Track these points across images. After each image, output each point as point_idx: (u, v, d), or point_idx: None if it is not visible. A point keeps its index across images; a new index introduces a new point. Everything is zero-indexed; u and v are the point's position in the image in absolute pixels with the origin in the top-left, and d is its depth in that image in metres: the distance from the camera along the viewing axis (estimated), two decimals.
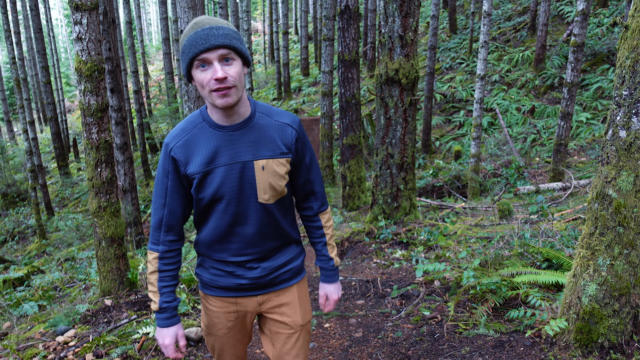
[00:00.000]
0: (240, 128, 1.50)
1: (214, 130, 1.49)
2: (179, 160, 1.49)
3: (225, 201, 1.51)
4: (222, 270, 1.61)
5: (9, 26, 13.09)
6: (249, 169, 1.50)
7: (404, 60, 5.19)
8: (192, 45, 1.36)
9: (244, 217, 1.54)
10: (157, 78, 30.74)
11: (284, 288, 1.68)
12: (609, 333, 2.26)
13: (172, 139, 1.51)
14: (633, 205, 2.11)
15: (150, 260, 1.59)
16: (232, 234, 1.55)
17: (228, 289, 1.63)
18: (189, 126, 1.51)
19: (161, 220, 1.56)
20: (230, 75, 1.37)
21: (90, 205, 3.80)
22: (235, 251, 1.57)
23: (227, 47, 1.36)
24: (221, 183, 1.49)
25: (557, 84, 12.27)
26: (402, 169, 5.48)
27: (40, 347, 3.08)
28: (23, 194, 16.24)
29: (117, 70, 7.72)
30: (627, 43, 2.08)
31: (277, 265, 1.64)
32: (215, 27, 1.36)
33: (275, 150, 1.53)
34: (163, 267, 1.57)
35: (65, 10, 47.01)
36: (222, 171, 1.48)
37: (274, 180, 1.53)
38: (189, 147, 1.49)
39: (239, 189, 1.50)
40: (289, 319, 1.68)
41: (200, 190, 1.50)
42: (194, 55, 1.36)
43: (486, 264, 3.57)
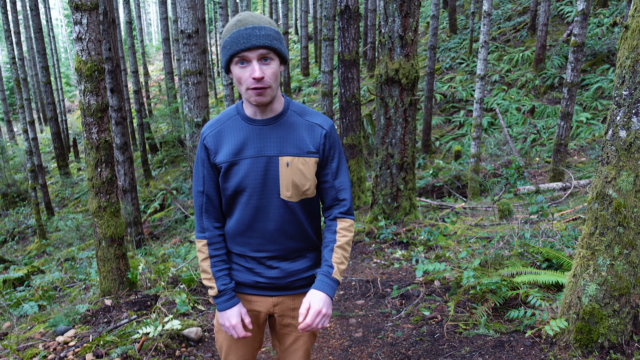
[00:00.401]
0: (270, 123, 1.54)
1: (245, 123, 1.55)
2: (209, 149, 1.55)
3: (247, 193, 1.54)
4: (242, 265, 1.63)
5: (9, 26, 13.09)
6: (273, 164, 1.52)
7: (404, 60, 5.19)
8: (234, 43, 1.41)
9: (265, 212, 1.56)
10: (157, 78, 30.74)
11: (301, 294, 1.68)
12: (609, 333, 2.26)
13: (207, 129, 1.57)
14: (633, 205, 2.11)
15: (200, 248, 1.62)
16: (253, 228, 1.58)
17: (245, 285, 1.65)
18: (224, 117, 1.58)
19: (201, 207, 1.61)
20: (267, 75, 1.42)
21: (90, 205, 3.80)
22: (255, 246, 1.60)
23: (267, 47, 1.41)
24: (245, 175, 1.52)
25: (557, 84, 12.27)
26: (402, 169, 5.48)
27: (40, 347, 3.08)
28: (23, 194, 16.24)
29: (117, 70, 7.72)
30: (627, 43, 2.08)
31: (297, 269, 1.63)
32: (258, 27, 1.41)
33: (302, 148, 1.54)
34: (214, 252, 1.61)
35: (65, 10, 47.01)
36: (247, 163, 1.52)
37: (297, 179, 1.54)
38: (220, 137, 1.55)
39: (262, 183, 1.53)
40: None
41: (225, 180, 1.55)
42: (235, 53, 1.41)
43: (486, 264, 3.57)
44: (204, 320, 3.43)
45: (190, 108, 6.41)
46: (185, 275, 4.22)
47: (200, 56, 6.32)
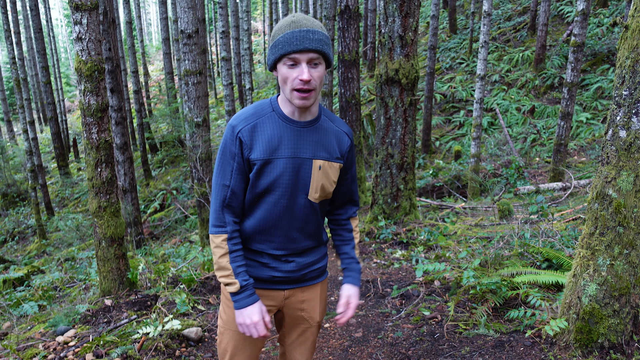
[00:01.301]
0: (308, 126, 1.57)
1: (282, 122, 1.54)
2: (244, 143, 1.51)
3: (278, 193, 1.54)
4: (257, 261, 1.63)
5: (9, 26, 13.09)
6: (307, 166, 1.55)
7: (404, 60, 5.19)
8: (287, 43, 1.42)
9: (291, 211, 1.58)
10: (157, 78, 30.74)
11: (310, 285, 1.73)
12: (609, 333, 2.26)
13: (240, 122, 1.53)
14: (633, 205, 2.11)
15: (218, 243, 1.56)
16: (277, 227, 1.59)
17: (260, 280, 1.65)
18: (259, 112, 1.55)
19: (224, 201, 1.56)
20: (314, 78, 1.44)
21: (90, 205, 3.80)
22: (276, 245, 1.61)
23: (318, 52, 1.43)
24: (279, 174, 1.53)
25: (557, 84, 12.27)
26: (402, 169, 5.48)
27: (40, 347, 3.08)
28: (23, 194, 16.24)
29: (117, 70, 7.72)
30: (627, 43, 2.08)
31: (309, 262, 1.69)
32: (312, 31, 1.43)
33: (332, 154, 1.61)
34: (234, 247, 1.57)
35: (65, 10, 47.01)
36: (282, 163, 1.52)
37: (326, 182, 1.60)
38: (256, 132, 1.52)
39: (294, 184, 1.55)
40: (308, 314, 1.75)
41: (258, 178, 1.53)
42: (286, 53, 1.42)
43: (486, 264, 3.57)
44: (204, 320, 3.43)
45: (190, 108, 6.41)
46: (185, 275, 4.22)
47: (200, 56, 6.32)
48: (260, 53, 31.12)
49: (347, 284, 1.76)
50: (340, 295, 1.75)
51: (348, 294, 1.73)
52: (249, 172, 1.56)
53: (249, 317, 1.56)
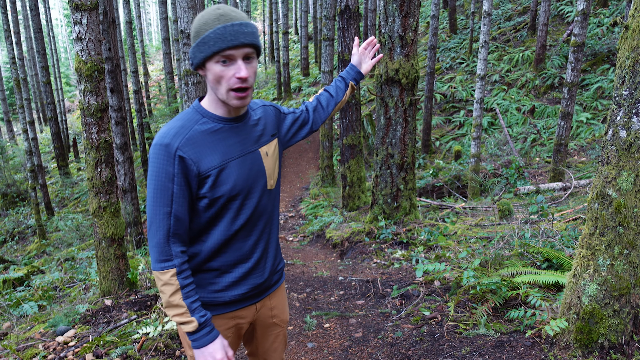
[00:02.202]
0: (244, 119, 1.51)
1: (218, 124, 1.44)
2: (187, 159, 1.36)
3: (241, 196, 1.45)
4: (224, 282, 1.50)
5: (9, 26, 13.09)
6: (256, 157, 1.49)
7: (404, 60, 5.18)
8: (219, 40, 1.31)
9: (257, 209, 1.50)
10: (157, 78, 30.74)
11: (276, 289, 1.68)
12: (609, 333, 2.26)
13: (174, 138, 1.36)
14: (633, 205, 2.11)
15: (167, 280, 1.38)
16: (245, 230, 1.49)
17: (231, 303, 1.53)
18: (188, 123, 1.41)
19: (168, 231, 1.38)
20: (250, 75, 1.37)
21: (90, 205, 3.80)
22: (247, 249, 1.51)
23: (253, 46, 1.36)
24: (237, 177, 1.43)
25: (557, 84, 12.27)
26: (402, 169, 5.48)
27: (40, 347, 3.08)
28: (23, 194, 16.24)
29: (117, 70, 7.72)
30: (627, 43, 2.08)
31: (274, 265, 1.64)
32: (244, 24, 1.34)
33: (268, 134, 1.56)
34: (185, 282, 1.40)
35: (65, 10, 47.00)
36: (235, 165, 1.44)
37: (276, 164, 1.56)
38: (197, 143, 1.39)
39: (253, 181, 1.48)
40: (278, 318, 1.70)
41: (216, 189, 1.40)
42: (220, 50, 1.31)
43: (486, 264, 3.57)
44: None
45: None
46: None
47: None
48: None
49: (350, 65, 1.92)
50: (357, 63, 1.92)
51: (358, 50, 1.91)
52: (199, 189, 1.41)
53: (211, 356, 1.41)
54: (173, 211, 1.38)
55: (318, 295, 3.94)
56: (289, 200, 10.78)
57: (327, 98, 1.84)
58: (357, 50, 1.90)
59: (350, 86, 1.87)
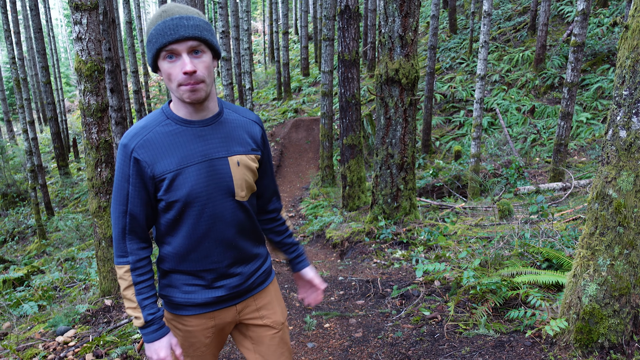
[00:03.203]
0: (210, 123, 1.43)
1: (181, 127, 1.39)
2: (142, 161, 1.35)
3: (200, 203, 1.40)
4: (198, 284, 1.49)
5: (9, 26, 13.09)
6: (223, 165, 1.42)
7: (404, 60, 5.18)
8: (160, 35, 1.27)
9: (222, 218, 1.44)
10: (157, 78, 30.74)
11: (261, 290, 1.63)
12: (609, 333, 2.26)
13: (132, 139, 1.36)
14: (633, 205, 2.11)
15: (121, 275, 1.43)
16: (210, 238, 1.44)
17: (206, 304, 1.51)
18: (151, 124, 1.39)
19: (124, 229, 1.42)
20: (200, 69, 1.30)
21: (90, 205, 3.80)
22: (214, 257, 1.46)
23: (197, 39, 1.29)
24: (195, 183, 1.38)
25: (557, 84, 12.27)
26: (402, 169, 5.48)
27: (40, 347, 3.08)
28: (23, 194, 16.24)
29: (117, 70, 7.72)
30: (627, 43, 2.08)
31: (254, 269, 1.58)
32: (185, 17, 1.28)
33: (247, 146, 1.49)
34: (138, 279, 1.43)
35: (65, 10, 47.01)
36: (194, 170, 1.38)
37: (249, 176, 1.48)
38: (154, 146, 1.36)
39: (215, 188, 1.41)
40: (270, 319, 1.63)
41: (171, 194, 1.38)
42: (161, 46, 1.28)
43: (486, 264, 3.57)
44: None
45: None
46: None
47: None
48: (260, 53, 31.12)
49: (301, 269, 1.77)
50: (303, 281, 1.79)
51: (309, 277, 1.76)
52: (155, 192, 1.40)
53: (156, 353, 1.44)
54: (128, 210, 1.41)
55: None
56: (289, 200, 10.79)
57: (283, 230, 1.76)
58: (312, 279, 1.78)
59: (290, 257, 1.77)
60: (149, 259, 1.48)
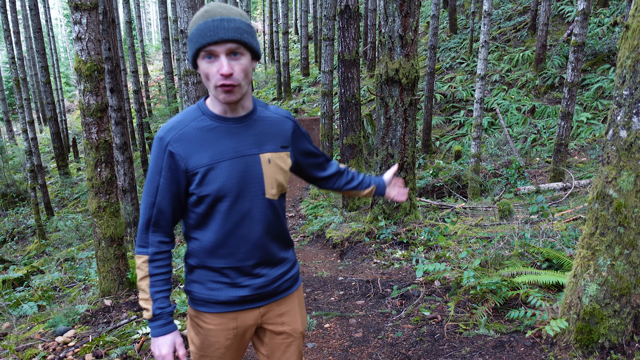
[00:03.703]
0: (244, 121, 1.45)
1: (215, 123, 1.42)
2: (177, 154, 1.38)
3: (230, 199, 1.41)
4: (223, 282, 1.49)
5: (9, 26, 13.09)
6: (255, 163, 1.44)
7: (404, 60, 5.18)
8: (200, 35, 1.30)
9: (250, 216, 1.45)
10: (157, 78, 30.74)
11: (286, 296, 1.61)
12: (610, 333, 2.26)
13: (168, 132, 1.40)
14: (634, 205, 2.11)
15: (139, 265, 1.45)
16: (238, 235, 1.45)
17: (229, 303, 1.51)
18: (187, 119, 1.42)
19: (149, 220, 1.44)
20: (237, 71, 1.32)
21: (90, 205, 3.80)
22: (241, 255, 1.47)
23: (236, 41, 1.30)
24: (227, 178, 1.40)
25: (558, 84, 12.27)
26: (402, 169, 5.47)
27: (40, 348, 3.08)
28: (22, 194, 16.24)
29: (117, 70, 7.72)
30: (628, 43, 2.07)
31: (280, 273, 1.57)
32: (227, 19, 1.30)
33: (277, 144, 1.50)
34: (154, 271, 1.45)
35: (65, 10, 46.99)
36: (226, 166, 1.40)
37: (279, 175, 1.49)
38: (189, 140, 1.39)
39: (245, 185, 1.43)
40: (289, 327, 1.62)
41: (202, 188, 1.40)
42: (201, 47, 1.30)
43: (486, 264, 3.57)
44: None
45: None
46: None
47: None
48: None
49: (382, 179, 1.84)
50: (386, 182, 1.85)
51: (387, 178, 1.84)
52: (186, 186, 1.43)
53: (158, 349, 1.45)
54: (156, 202, 1.43)
55: (318, 296, 3.93)
56: (289, 200, 10.78)
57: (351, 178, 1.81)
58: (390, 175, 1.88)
59: (372, 189, 1.83)
60: (168, 254, 1.50)
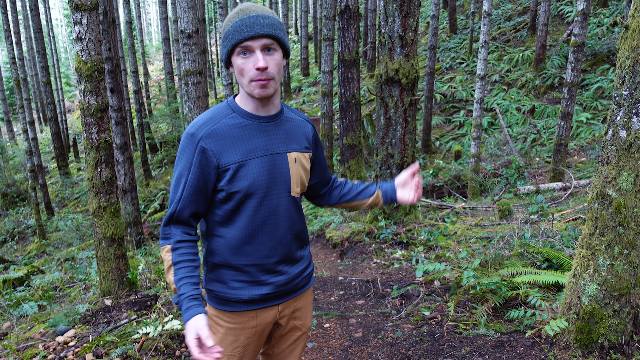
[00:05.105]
0: (274, 120, 1.49)
1: (247, 120, 1.45)
2: (209, 150, 1.39)
3: (259, 195, 1.44)
4: (245, 281, 1.50)
5: (9, 26, 13.09)
6: (283, 161, 1.47)
7: (404, 60, 5.18)
8: (237, 32, 1.34)
9: (276, 212, 1.48)
10: (157, 78, 30.74)
11: (301, 293, 1.65)
12: (609, 333, 2.26)
13: (200, 128, 1.41)
14: (633, 205, 2.11)
15: (163, 256, 1.46)
16: (264, 232, 1.47)
17: (251, 301, 1.52)
18: (218, 116, 1.45)
19: (173, 214, 1.45)
20: (271, 66, 1.36)
21: (90, 205, 3.80)
22: (266, 251, 1.49)
23: (271, 37, 1.35)
24: (257, 175, 1.43)
25: (557, 84, 12.27)
26: (402, 169, 5.48)
27: (40, 347, 3.08)
28: (23, 194, 16.24)
29: (117, 70, 7.72)
30: (627, 43, 2.08)
31: (299, 271, 1.60)
32: (262, 16, 1.35)
33: (302, 144, 1.55)
34: (177, 259, 1.43)
35: (65, 10, 47.00)
36: (257, 163, 1.43)
37: (303, 174, 1.54)
38: (221, 136, 1.41)
39: (274, 182, 1.46)
40: (301, 322, 1.67)
41: (233, 184, 1.42)
42: (238, 42, 1.34)
43: (486, 264, 3.57)
44: None
45: (190, 108, 6.40)
46: None
47: (200, 56, 6.32)
48: None
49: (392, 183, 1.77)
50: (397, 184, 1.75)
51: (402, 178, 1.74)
52: (217, 182, 1.44)
53: (187, 333, 1.38)
54: (182, 197, 1.44)
55: (318, 295, 3.94)
56: None
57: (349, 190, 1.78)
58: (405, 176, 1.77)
59: (376, 194, 1.75)
60: (193, 243, 1.49)
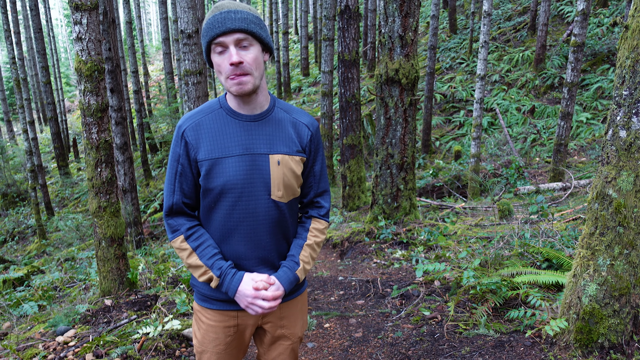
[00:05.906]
0: (258, 119, 1.45)
1: (230, 118, 1.43)
2: (189, 143, 1.41)
3: (234, 195, 1.40)
4: None
5: (9, 26, 13.09)
6: (263, 162, 1.42)
7: (404, 60, 5.18)
8: (209, 29, 1.33)
9: (253, 214, 1.44)
10: (157, 78, 30.74)
11: (289, 301, 1.59)
12: (609, 333, 2.26)
13: (185, 121, 1.44)
14: (633, 205, 2.11)
15: (178, 246, 1.45)
16: (239, 232, 1.44)
17: (229, 301, 1.50)
18: (205, 110, 1.45)
19: (171, 207, 1.45)
20: (247, 60, 1.32)
21: (90, 205, 3.80)
22: (241, 253, 1.46)
23: (243, 31, 1.32)
24: (232, 174, 1.39)
25: (557, 84, 12.27)
26: (402, 169, 5.48)
27: (40, 347, 3.08)
28: (23, 194, 16.24)
29: (117, 70, 7.72)
30: (627, 43, 2.08)
31: None
32: (234, 11, 1.32)
33: (292, 147, 1.47)
34: (196, 243, 1.44)
35: (65, 10, 47.00)
36: (233, 162, 1.40)
37: (289, 178, 1.46)
38: (202, 130, 1.41)
39: (251, 184, 1.41)
40: (288, 331, 1.62)
41: (208, 180, 1.40)
42: (211, 39, 1.33)
43: (486, 264, 3.57)
44: None
45: (190, 108, 6.40)
46: (185, 275, 4.22)
47: (200, 56, 6.32)
48: None
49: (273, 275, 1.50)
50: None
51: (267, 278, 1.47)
52: (197, 176, 1.44)
53: (245, 297, 1.40)
54: (176, 189, 1.45)
55: (318, 295, 3.94)
56: None
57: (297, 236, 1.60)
58: None
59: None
60: (202, 227, 1.49)
